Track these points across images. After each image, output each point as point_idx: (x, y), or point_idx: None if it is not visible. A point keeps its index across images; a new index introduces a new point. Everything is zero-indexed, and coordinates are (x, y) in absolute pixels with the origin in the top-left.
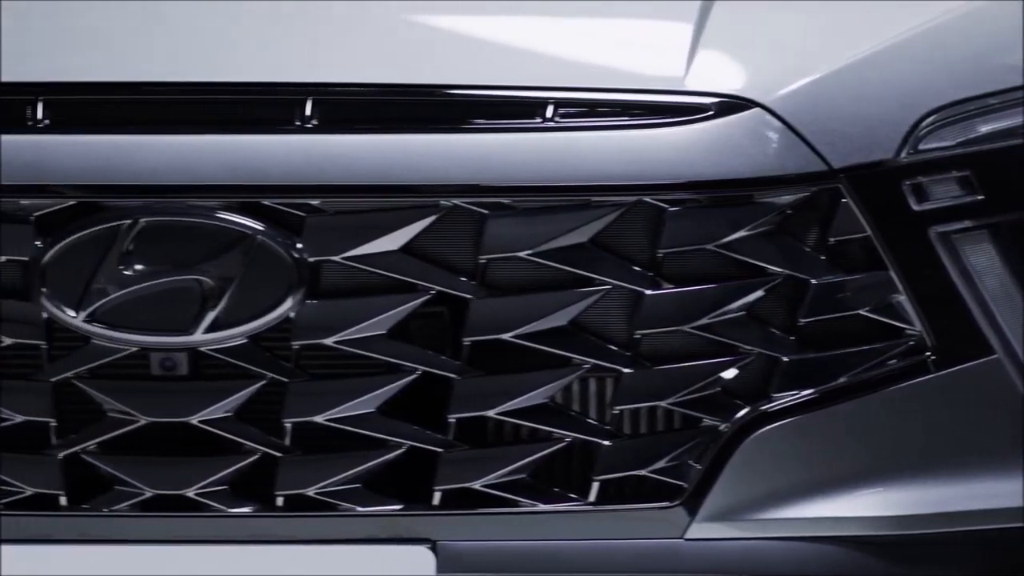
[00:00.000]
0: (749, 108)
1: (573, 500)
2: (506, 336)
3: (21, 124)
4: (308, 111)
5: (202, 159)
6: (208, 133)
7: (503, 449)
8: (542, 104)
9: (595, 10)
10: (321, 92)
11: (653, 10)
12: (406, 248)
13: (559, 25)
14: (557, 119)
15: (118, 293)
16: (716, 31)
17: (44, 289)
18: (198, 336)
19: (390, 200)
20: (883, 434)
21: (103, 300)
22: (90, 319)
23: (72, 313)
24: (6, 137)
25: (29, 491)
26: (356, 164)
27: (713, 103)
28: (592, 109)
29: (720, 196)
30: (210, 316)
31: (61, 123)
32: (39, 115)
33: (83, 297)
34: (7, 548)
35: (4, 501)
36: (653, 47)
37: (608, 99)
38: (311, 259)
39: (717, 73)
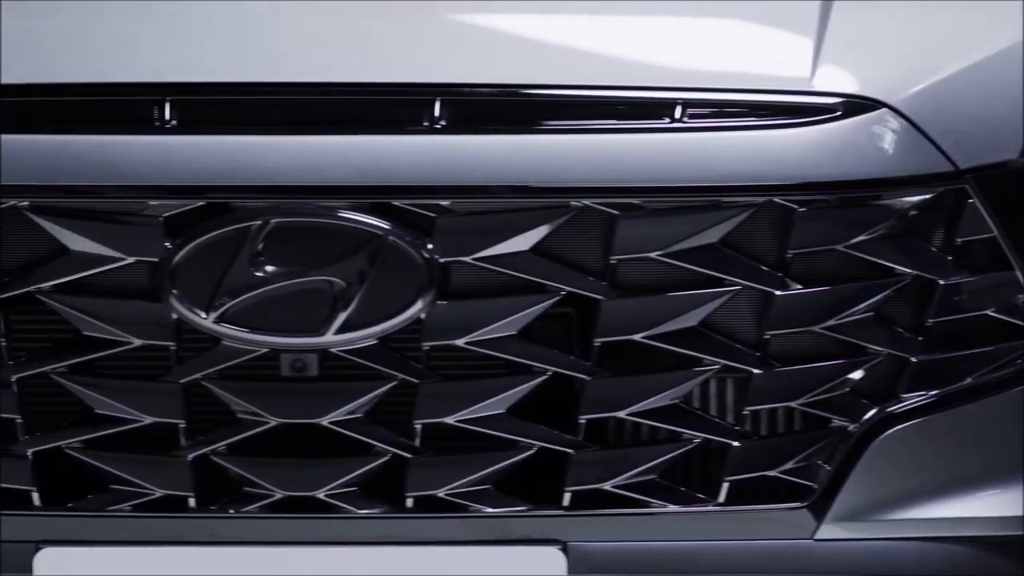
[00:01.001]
0: (876, 108)
1: (702, 501)
2: (637, 337)
3: (148, 124)
4: (437, 111)
5: (331, 160)
6: (337, 134)
7: (634, 450)
8: (671, 104)
9: (716, 11)
10: (449, 92)
11: (773, 10)
12: (536, 249)
13: (682, 26)
14: (686, 120)
15: (249, 294)
16: (838, 31)
17: (174, 291)
18: (329, 337)
19: (520, 201)
20: (1009, 434)
21: (233, 301)
22: (220, 320)
23: (202, 314)
24: (135, 138)
25: (158, 493)
26: (485, 165)
27: (840, 103)
28: (720, 110)
29: (848, 197)
30: (341, 317)
31: (189, 123)
32: (167, 115)
33: (213, 298)
34: (136, 550)
35: (134, 503)
36: (777, 48)
37: (736, 99)
38: (441, 260)
39: (843, 73)
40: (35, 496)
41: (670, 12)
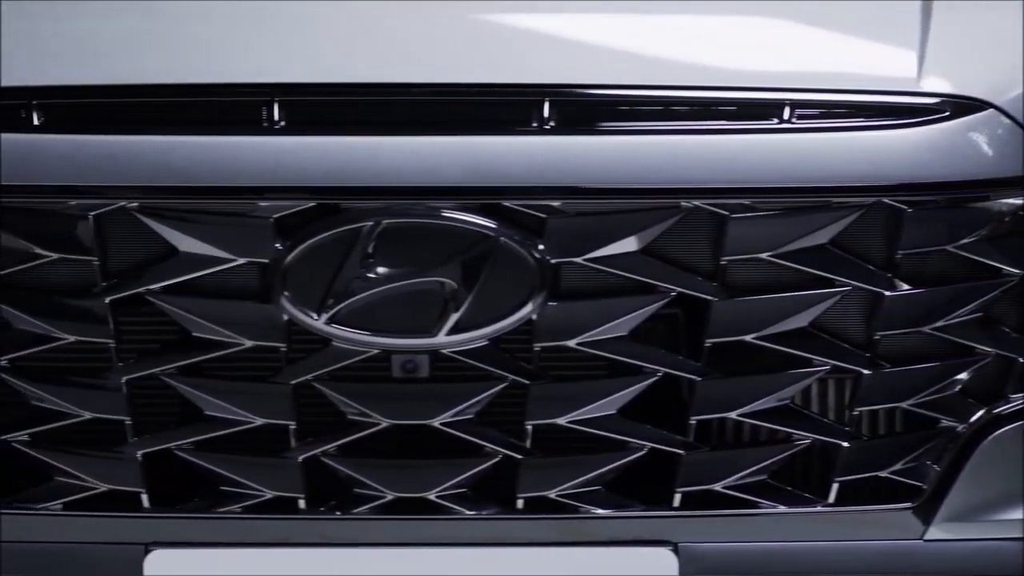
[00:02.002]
0: (983, 109)
1: (812, 502)
2: (748, 338)
3: (256, 125)
4: (546, 112)
5: (442, 161)
6: (447, 134)
7: (744, 451)
8: (779, 105)
9: (817, 11)
10: (559, 93)
11: (874, 9)
12: (646, 249)
13: (785, 27)
14: (795, 120)
15: (360, 295)
16: (942, 31)
17: (286, 292)
18: (441, 338)
19: (631, 201)
20: None
21: (345, 302)
22: (331, 321)
23: (314, 315)
24: (245, 138)
25: (269, 494)
26: (595, 165)
27: (948, 104)
28: (829, 110)
29: (956, 197)
30: (453, 318)
31: (298, 124)
32: (275, 116)
33: (325, 299)
34: (246, 551)
35: (243, 504)
36: (881, 48)
37: (844, 100)
38: (552, 261)
39: (949, 74)
40: (144, 498)
41: (772, 13)
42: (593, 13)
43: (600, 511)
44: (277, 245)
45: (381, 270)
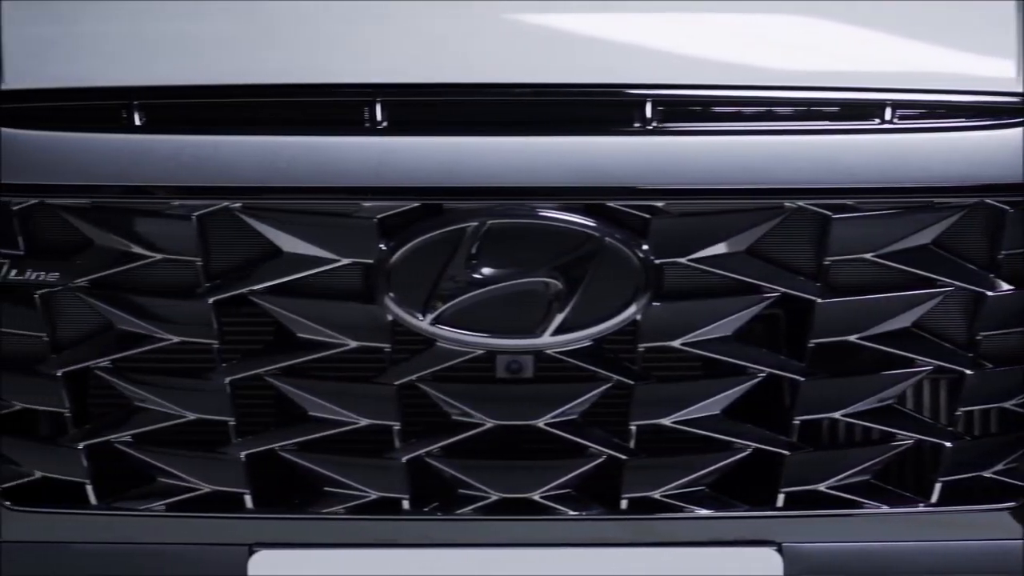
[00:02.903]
0: None
1: (914, 502)
2: (852, 338)
3: (358, 125)
4: (648, 112)
5: (545, 161)
6: (551, 135)
7: (848, 451)
8: (881, 106)
9: (913, 11)
10: (661, 94)
11: (969, 10)
12: (750, 250)
13: (884, 27)
14: (896, 121)
15: (465, 296)
16: None
17: (391, 292)
18: (546, 339)
19: (735, 202)
20: None
21: (450, 303)
22: (436, 322)
23: (419, 316)
24: (348, 139)
25: (373, 495)
26: (699, 166)
27: None
28: (930, 111)
29: None
30: (558, 318)
31: (399, 124)
32: (377, 116)
33: (429, 300)
34: (349, 552)
35: (347, 505)
36: (979, 48)
37: (945, 101)
38: (657, 261)
39: None
40: (248, 499)
41: (870, 13)
42: (692, 13)
43: (704, 511)
44: (381, 246)
45: (486, 270)
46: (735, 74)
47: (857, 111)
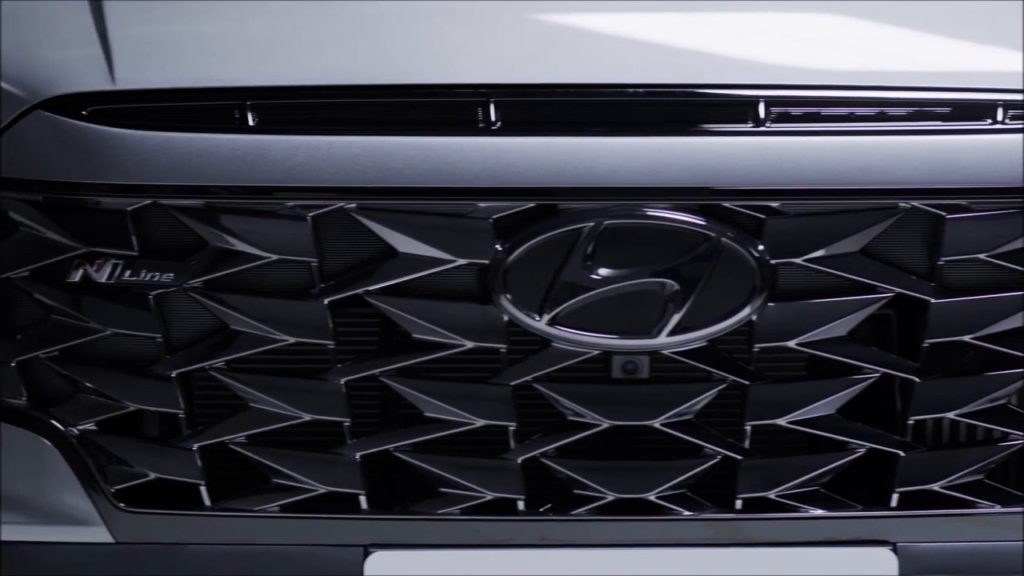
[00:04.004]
0: None
1: None
2: (967, 338)
3: (472, 126)
4: (762, 113)
5: (661, 162)
6: (664, 135)
7: (963, 450)
8: (992, 106)
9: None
10: (773, 94)
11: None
12: (864, 250)
13: (990, 28)
14: (1008, 121)
15: (581, 296)
16: None
17: (507, 293)
18: (661, 339)
19: (849, 202)
20: None
21: (566, 303)
22: (552, 322)
23: (536, 317)
24: (463, 139)
25: (488, 496)
26: (814, 166)
27: None
28: None
29: None
30: (675, 319)
31: (513, 125)
32: (492, 117)
33: (545, 300)
34: (464, 552)
35: (462, 506)
36: None
37: None
38: (773, 261)
39: None
40: (362, 500)
41: (975, 14)
42: (802, 13)
43: (819, 511)
44: (497, 246)
45: (602, 271)
46: (846, 74)
47: (969, 111)
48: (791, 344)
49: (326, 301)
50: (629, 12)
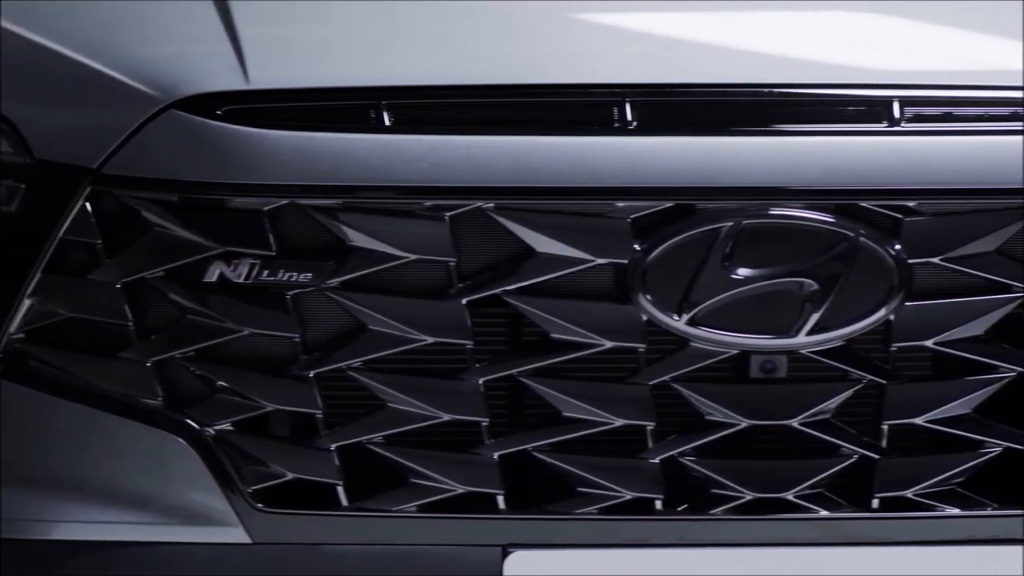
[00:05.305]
0: None
1: None
2: None
3: (608, 125)
4: (897, 113)
5: (798, 161)
6: (800, 135)
7: None
8: None
9: None
10: (908, 94)
11: None
12: (999, 249)
13: None
14: None
15: (720, 296)
16: None
17: (646, 293)
18: (800, 339)
19: (986, 202)
20: None
21: (705, 303)
22: (691, 322)
23: (675, 316)
24: (600, 139)
25: (627, 495)
26: (951, 166)
27: None
28: None
29: None
30: (813, 318)
31: (650, 125)
32: (628, 116)
33: (684, 300)
34: (602, 552)
35: (601, 506)
36: None
37: None
38: (910, 261)
39: None
40: (500, 499)
41: None
42: (933, 13)
43: (955, 511)
44: (635, 246)
45: (741, 271)
46: (980, 74)
47: None
48: (928, 344)
49: (464, 301)
50: (764, 11)
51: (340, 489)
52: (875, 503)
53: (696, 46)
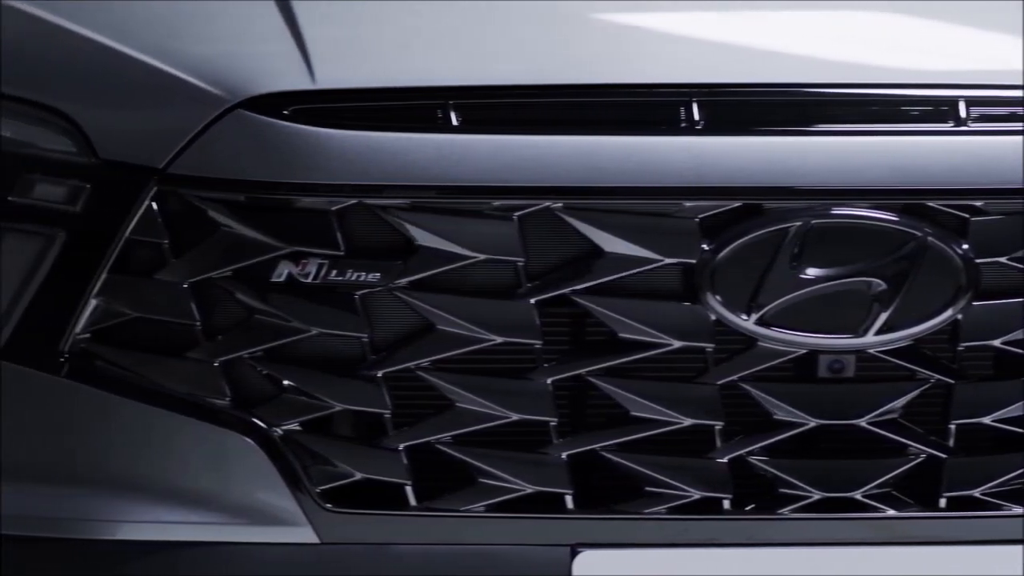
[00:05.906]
0: None
1: None
2: None
3: (675, 125)
4: (963, 112)
5: (865, 161)
6: (867, 135)
7: None
8: None
9: None
10: (972, 94)
11: None
12: None
13: None
14: None
15: (789, 296)
16: None
17: (714, 293)
18: (869, 338)
19: None
20: None
21: (773, 303)
22: (760, 322)
23: (743, 316)
24: (668, 139)
25: (695, 495)
26: (1018, 165)
27: None
28: None
29: None
30: (882, 318)
31: (717, 124)
32: (695, 116)
33: (753, 300)
34: (671, 552)
35: (668, 505)
36: None
37: None
38: (978, 260)
39: None
40: (568, 499)
41: None
42: (995, 13)
43: (1021, 509)
44: (703, 246)
45: (810, 271)
46: None
47: None
48: (995, 343)
49: (533, 300)
50: (829, 11)
51: (408, 489)
52: (943, 502)
53: (759, 46)
